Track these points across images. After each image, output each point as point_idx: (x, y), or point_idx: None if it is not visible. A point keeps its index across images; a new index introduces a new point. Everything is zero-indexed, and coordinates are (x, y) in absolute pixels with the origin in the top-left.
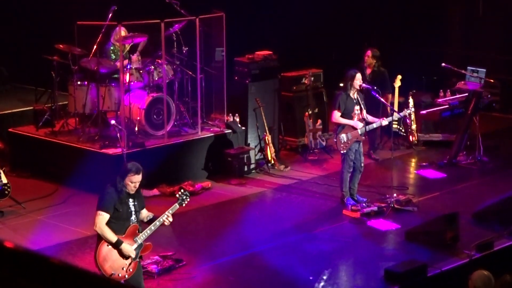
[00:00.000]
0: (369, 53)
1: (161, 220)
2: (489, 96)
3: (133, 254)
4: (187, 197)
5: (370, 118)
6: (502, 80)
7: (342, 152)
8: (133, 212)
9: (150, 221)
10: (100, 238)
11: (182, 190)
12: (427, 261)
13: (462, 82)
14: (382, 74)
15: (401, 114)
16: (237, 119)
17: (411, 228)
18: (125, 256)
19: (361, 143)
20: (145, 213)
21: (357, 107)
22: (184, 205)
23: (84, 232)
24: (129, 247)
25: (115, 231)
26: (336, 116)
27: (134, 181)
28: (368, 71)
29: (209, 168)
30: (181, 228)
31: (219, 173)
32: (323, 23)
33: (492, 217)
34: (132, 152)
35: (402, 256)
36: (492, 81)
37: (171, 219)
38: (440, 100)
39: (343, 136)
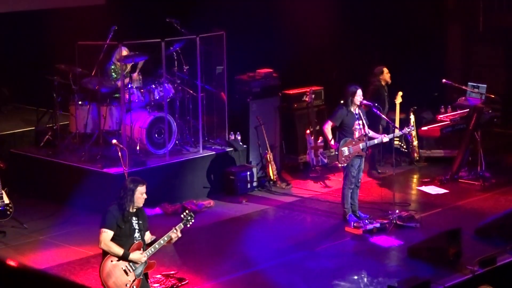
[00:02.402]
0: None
1: (169, 235)
2: (490, 111)
3: (143, 259)
4: (192, 218)
5: (372, 133)
6: (503, 96)
7: (341, 165)
8: (136, 230)
9: (152, 243)
10: (105, 254)
11: (187, 211)
12: (430, 277)
13: (463, 98)
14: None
15: (402, 131)
16: (239, 137)
17: (413, 244)
18: (132, 271)
19: (363, 159)
20: (147, 236)
21: (358, 122)
22: (188, 225)
23: (86, 251)
24: (138, 254)
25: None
26: (326, 125)
27: (143, 191)
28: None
29: (211, 187)
30: (184, 246)
31: (221, 192)
32: (324, 40)
33: (495, 232)
34: (134, 171)
35: (405, 272)
36: (493, 96)
37: (180, 234)
38: (441, 116)
39: (345, 150)
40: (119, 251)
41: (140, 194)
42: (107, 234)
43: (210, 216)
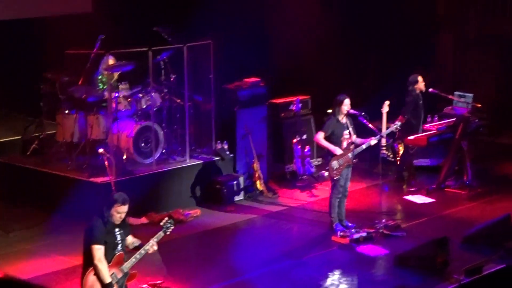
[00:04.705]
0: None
1: (146, 249)
2: (476, 120)
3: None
4: (171, 225)
5: (359, 140)
6: (493, 104)
7: (334, 178)
8: (119, 242)
9: (136, 248)
10: (87, 265)
11: (166, 218)
12: (417, 286)
13: (450, 107)
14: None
15: (388, 130)
16: (226, 146)
17: (400, 253)
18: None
19: (351, 168)
20: (130, 240)
21: (346, 132)
22: (168, 233)
23: (72, 261)
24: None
25: None
26: (319, 136)
27: (120, 211)
28: None
29: (198, 196)
30: (170, 256)
31: (208, 201)
32: (311, 49)
33: (482, 241)
34: (121, 180)
35: (392, 281)
36: (479, 105)
37: (156, 248)
38: (428, 125)
39: (335, 163)
40: (106, 279)
41: (117, 212)
42: (101, 250)
43: (197, 225)
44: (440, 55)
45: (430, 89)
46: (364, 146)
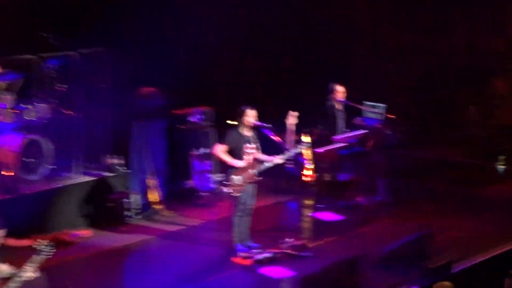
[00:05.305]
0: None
1: (20, 276)
2: (389, 133)
3: None
4: (49, 248)
5: (264, 157)
6: (405, 115)
7: (235, 195)
8: None
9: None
10: None
11: (41, 241)
12: None
13: (360, 118)
14: None
15: (294, 151)
16: (120, 161)
17: (307, 275)
18: None
19: (255, 185)
20: (3, 268)
21: (250, 146)
22: (47, 256)
23: None
24: None
25: None
26: (219, 149)
27: None
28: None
29: (89, 215)
30: (54, 283)
31: (100, 221)
32: (214, 59)
33: (395, 261)
34: (3, 200)
35: None
36: (392, 116)
37: (34, 274)
38: (337, 137)
39: (236, 179)
40: None
41: None
42: None
43: (87, 247)
44: (355, 65)
45: (339, 98)
46: (269, 164)
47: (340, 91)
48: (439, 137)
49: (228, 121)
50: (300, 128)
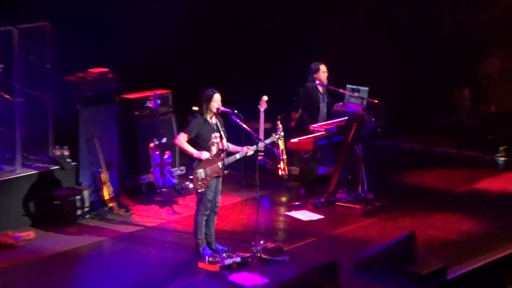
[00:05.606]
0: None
1: None
2: (373, 120)
3: None
4: None
5: (232, 147)
6: (388, 100)
7: (199, 191)
8: None
9: None
10: None
11: None
12: None
13: (340, 103)
14: None
15: (268, 141)
16: (66, 153)
17: (282, 282)
18: None
19: (220, 179)
20: None
21: (215, 134)
22: None
23: None
24: None
25: None
26: (181, 139)
27: None
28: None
29: (32, 214)
30: None
31: (45, 220)
32: (173, 35)
33: (378, 265)
34: None
35: None
36: (376, 101)
37: None
38: (314, 126)
39: (201, 172)
40: None
41: None
42: None
43: (30, 251)
44: (326, 44)
45: (317, 82)
46: (238, 156)
47: (323, 71)
48: (425, 124)
49: (193, 107)
50: (274, 115)
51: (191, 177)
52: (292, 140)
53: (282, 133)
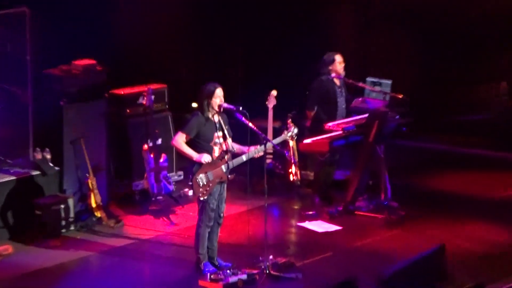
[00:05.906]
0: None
1: None
2: (396, 117)
3: None
4: None
5: (237, 148)
6: (412, 95)
7: (201, 199)
8: None
9: None
10: None
11: None
12: None
13: (360, 99)
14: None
15: (279, 139)
16: (48, 156)
17: None
18: None
19: (225, 185)
20: None
21: (218, 134)
22: None
23: None
24: None
25: None
26: (179, 139)
27: None
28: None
29: (10, 226)
30: None
31: (25, 232)
32: (169, 22)
33: (403, 284)
34: None
35: None
36: (400, 96)
37: None
38: (330, 124)
39: (202, 177)
40: None
41: None
42: None
43: (7, 267)
44: (340, 34)
45: (333, 75)
46: (245, 158)
47: (339, 61)
48: (452, 122)
49: (193, 104)
50: (284, 112)
51: (190, 183)
52: (305, 141)
53: (296, 130)
